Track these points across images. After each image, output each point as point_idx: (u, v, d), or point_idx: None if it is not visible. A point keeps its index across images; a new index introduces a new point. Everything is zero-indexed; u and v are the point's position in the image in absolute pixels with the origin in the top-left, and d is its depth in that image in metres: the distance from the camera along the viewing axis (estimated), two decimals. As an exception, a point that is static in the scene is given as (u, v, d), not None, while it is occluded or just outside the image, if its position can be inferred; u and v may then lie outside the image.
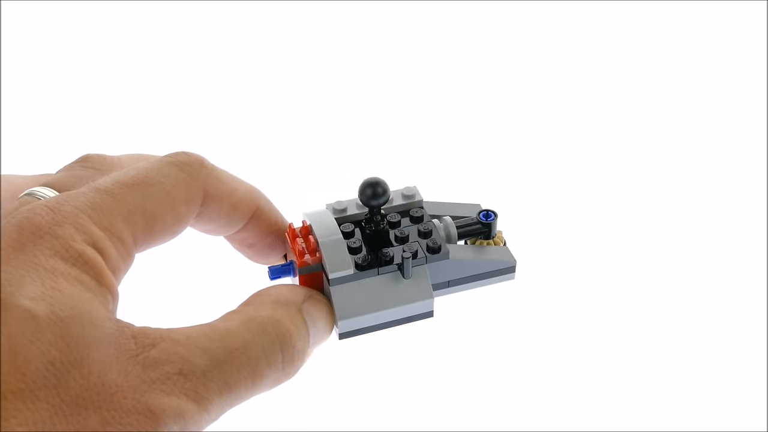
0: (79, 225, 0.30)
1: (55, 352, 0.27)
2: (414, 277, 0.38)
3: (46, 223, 0.29)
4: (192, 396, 0.29)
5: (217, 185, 0.35)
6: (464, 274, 0.40)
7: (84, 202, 0.30)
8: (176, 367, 0.29)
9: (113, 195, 0.31)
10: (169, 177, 0.33)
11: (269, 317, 0.33)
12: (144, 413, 0.28)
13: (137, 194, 0.32)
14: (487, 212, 0.41)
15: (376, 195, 0.39)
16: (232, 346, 0.31)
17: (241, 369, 0.31)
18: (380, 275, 0.38)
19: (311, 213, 0.39)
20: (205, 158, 0.35)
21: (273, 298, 0.35)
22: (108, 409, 0.27)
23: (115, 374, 0.28)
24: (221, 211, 0.36)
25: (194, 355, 0.30)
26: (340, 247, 0.38)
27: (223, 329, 0.31)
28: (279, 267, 0.39)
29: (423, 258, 0.38)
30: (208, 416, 0.30)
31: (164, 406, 0.28)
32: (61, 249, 0.29)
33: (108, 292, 0.30)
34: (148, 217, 0.32)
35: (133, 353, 0.29)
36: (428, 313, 0.39)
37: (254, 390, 0.32)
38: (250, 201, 0.37)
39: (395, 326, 0.39)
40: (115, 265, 0.31)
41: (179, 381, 0.29)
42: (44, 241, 0.29)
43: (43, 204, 0.30)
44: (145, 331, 0.29)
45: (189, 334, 0.30)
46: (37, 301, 0.27)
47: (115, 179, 0.32)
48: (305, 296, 0.36)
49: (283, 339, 0.33)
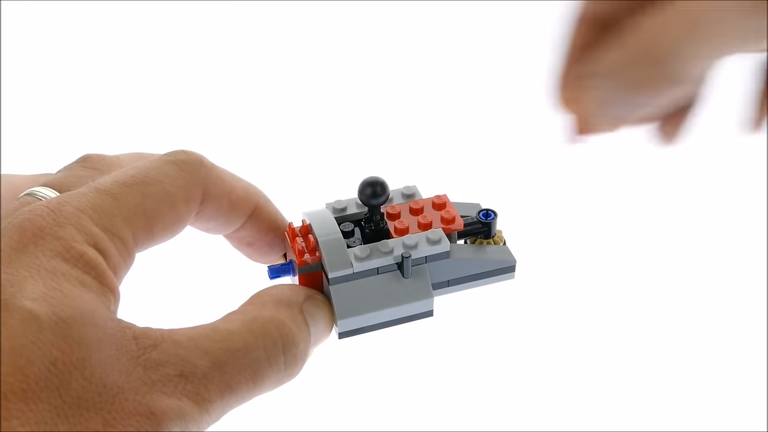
0: (80, 225, 0.30)
1: (57, 352, 0.27)
2: (414, 276, 0.38)
3: (48, 224, 0.29)
4: (193, 397, 0.29)
5: (216, 183, 0.35)
6: (464, 273, 0.40)
7: (84, 203, 0.31)
8: (177, 368, 0.29)
9: (113, 195, 0.31)
10: (168, 176, 0.33)
11: (271, 318, 0.33)
12: (145, 414, 0.28)
13: (137, 194, 0.32)
14: (486, 212, 0.41)
15: (375, 194, 0.39)
16: (233, 347, 0.31)
17: (243, 370, 0.31)
18: (380, 274, 0.38)
19: (311, 212, 0.39)
20: (204, 157, 0.35)
21: (274, 298, 0.35)
22: (109, 411, 0.27)
23: (117, 375, 0.28)
24: (221, 210, 0.36)
25: (195, 357, 0.30)
26: (339, 247, 0.38)
27: (225, 330, 0.31)
28: (278, 266, 0.39)
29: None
30: (209, 417, 0.30)
31: (165, 408, 0.28)
32: (63, 250, 0.29)
33: (109, 292, 0.30)
34: (148, 216, 0.32)
35: (135, 354, 0.29)
36: (428, 312, 0.39)
37: (256, 391, 0.32)
38: (249, 199, 0.37)
39: (395, 326, 0.39)
40: (116, 265, 0.31)
41: (180, 382, 0.29)
42: (45, 242, 0.29)
43: (44, 205, 0.30)
44: (147, 332, 0.29)
45: (190, 335, 0.30)
46: (38, 302, 0.27)
47: (115, 179, 0.32)
48: (305, 296, 0.36)
49: (285, 340, 0.33)
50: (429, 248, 0.38)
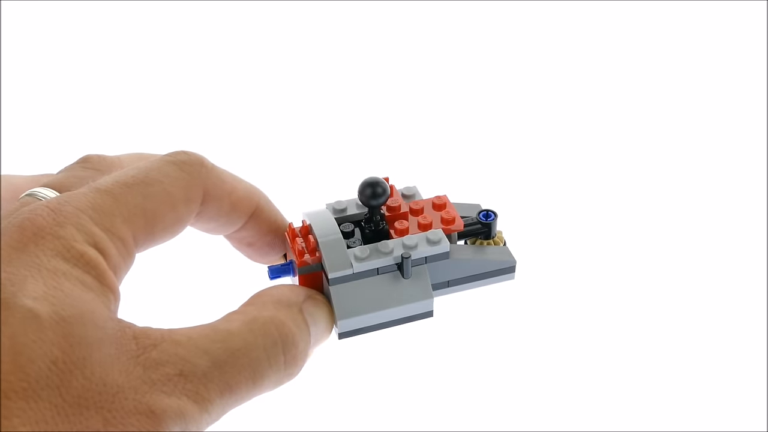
0: (81, 225, 0.30)
1: (58, 352, 0.27)
2: (413, 276, 0.38)
3: (48, 224, 0.29)
4: (193, 397, 0.29)
5: (217, 184, 0.35)
6: (464, 273, 0.40)
7: (85, 203, 0.31)
8: (177, 368, 0.29)
9: (114, 195, 0.31)
10: (169, 176, 0.33)
11: (271, 318, 0.33)
12: (145, 414, 0.28)
13: (137, 194, 0.32)
14: (487, 212, 0.41)
15: (375, 195, 0.39)
16: (233, 347, 0.31)
17: (243, 370, 0.31)
18: (380, 275, 0.38)
19: (311, 213, 0.39)
20: (204, 157, 0.35)
21: (274, 298, 0.35)
22: (110, 410, 0.27)
23: (117, 375, 0.28)
24: (221, 210, 0.36)
25: (195, 356, 0.30)
26: (339, 247, 0.38)
27: (225, 330, 0.31)
28: (278, 266, 0.39)
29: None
30: (209, 417, 0.30)
31: (165, 407, 0.28)
32: (63, 249, 0.29)
33: (110, 292, 0.30)
34: (148, 216, 0.32)
35: (134, 354, 0.29)
36: (428, 313, 0.39)
37: (255, 391, 0.32)
38: (249, 199, 0.37)
39: (395, 326, 0.39)
40: (116, 265, 0.31)
41: (180, 382, 0.29)
42: (46, 241, 0.29)
43: (44, 205, 0.30)
44: (146, 332, 0.29)
45: (190, 335, 0.30)
46: (39, 301, 0.27)
47: (116, 179, 0.32)
48: (305, 296, 0.36)
49: (285, 340, 0.33)
50: (429, 249, 0.38)
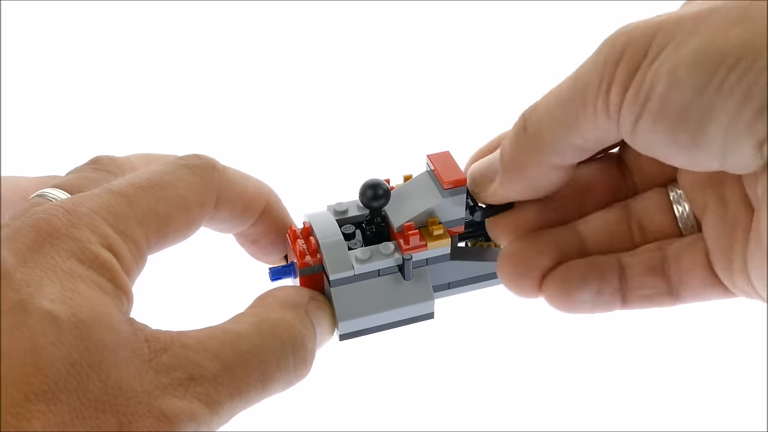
0: (95, 227, 0.30)
1: (76, 354, 0.27)
2: (415, 278, 0.38)
3: (63, 225, 0.29)
4: (204, 400, 0.29)
5: (229, 188, 0.35)
6: (465, 275, 0.40)
7: (99, 204, 0.30)
8: (187, 372, 0.29)
9: (127, 197, 0.31)
10: (182, 180, 0.33)
11: (279, 320, 0.33)
12: (158, 417, 0.28)
13: (151, 197, 0.32)
14: (487, 213, 0.41)
15: (376, 196, 0.39)
16: (242, 350, 0.31)
17: (252, 373, 0.31)
18: (381, 276, 0.38)
19: (312, 214, 0.39)
20: (216, 160, 0.35)
21: (281, 300, 0.35)
22: (125, 413, 0.27)
23: (131, 378, 0.28)
24: (234, 212, 0.36)
25: (205, 360, 0.30)
26: (340, 249, 0.38)
27: (234, 332, 0.31)
28: (280, 268, 0.39)
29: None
30: (219, 419, 0.30)
31: (177, 411, 0.28)
32: (78, 251, 0.29)
33: (123, 294, 0.30)
34: (161, 219, 0.32)
35: (147, 357, 0.29)
36: (429, 314, 0.39)
37: (265, 393, 0.32)
38: (260, 198, 0.37)
39: (396, 327, 0.39)
40: (129, 267, 0.31)
41: (191, 386, 0.29)
42: (61, 242, 0.29)
43: (59, 205, 0.30)
44: (157, 335, 0.30)
45: (199, 338, 0.30)
46: (57, 303, 0.27)
47: (130, 181, 0.32)
48: (309, 297, 0.36)
49: (294, 341, 0.33)
50: (430, 250, 0.38)
